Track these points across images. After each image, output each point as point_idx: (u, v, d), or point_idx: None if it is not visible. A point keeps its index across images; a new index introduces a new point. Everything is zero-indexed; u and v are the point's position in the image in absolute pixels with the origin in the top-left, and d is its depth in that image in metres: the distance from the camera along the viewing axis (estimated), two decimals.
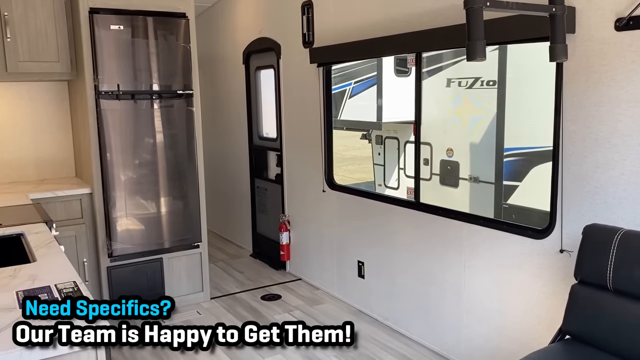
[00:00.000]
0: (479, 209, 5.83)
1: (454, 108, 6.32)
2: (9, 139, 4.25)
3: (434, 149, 6.32)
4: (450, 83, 6.30)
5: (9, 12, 3.76)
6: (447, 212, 3.33)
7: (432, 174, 6.38)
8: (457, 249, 3.25)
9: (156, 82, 3.99)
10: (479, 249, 3.12)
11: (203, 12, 6.30)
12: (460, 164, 6.15)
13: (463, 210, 5.93)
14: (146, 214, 4.08)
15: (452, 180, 6.24)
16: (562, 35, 2.10)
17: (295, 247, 4.99)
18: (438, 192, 6.24)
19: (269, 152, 5.31)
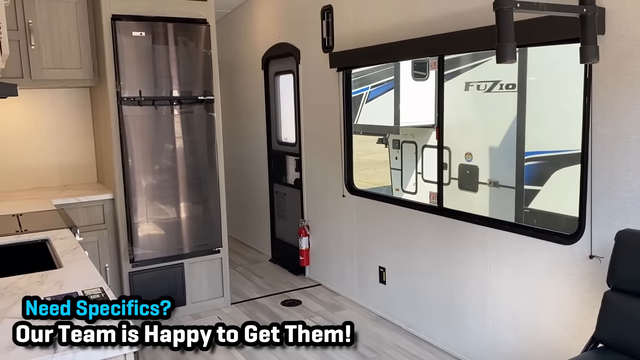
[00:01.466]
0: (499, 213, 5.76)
1: (473, 112, 6.27)
2: (33, 145, 4.30)
3: (453, 153, 6.26)
4: (468, 87, 6.25)
5: (33, 21, 3.80)
6: (471, 217, 3.28)
7: (450, 179, 6.32)
8: (481, 254, 3.20)
9: (177, 88, 4.01)
10: (504, 255, 3.07)
11: (222, 18, 6.33)
12: (479, 168, 6.09)
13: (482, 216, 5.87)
14: (167, 219, 4.09)
15: (471, 185, 6.18)
16: (593, 36, 2.06)
17: (314, 252, 4.96)
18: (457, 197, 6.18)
19: (288, 157, 5.30)
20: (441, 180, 3.63)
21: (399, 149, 8.02)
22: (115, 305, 1.72)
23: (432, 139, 7.26)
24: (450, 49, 3.32)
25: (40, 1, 3.82)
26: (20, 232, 2.80)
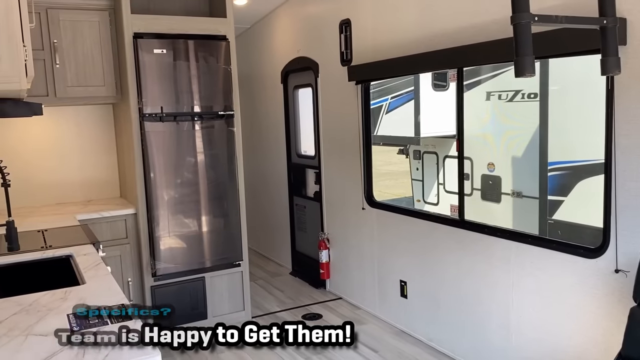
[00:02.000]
0: (523, 224, 5.69)
1: (494, 122, 6.21)
2: (57, 161, 4.38)
3: (475, 163, 6.22)
4: (489, 96, 6.21)
5: (58, 40, 3.90)
6: (493, 230, 3.24)
7: (473, 189, 6.27)
8: (504, 268, 3.16)
9: (198, 103, 4.06)
10: (527, 268, 3.02)
11: (242, 33, 6.40)
12: (502, 178, 6.03)
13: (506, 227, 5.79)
14: (188, 233, 4.13)
15: (494, 196, 6.12)
16: (615, 47, 2.02)
17: (335, 266, 4.95)
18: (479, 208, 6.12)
19: (307, 170, 5.31)
20: (462, 193, 3.60)
21: (419, 159, 7.98)
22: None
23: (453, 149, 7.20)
24: (469, 61, 3.30)
25: (65, 22, 3.91)
26: (45, 248, 2.85)
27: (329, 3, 4.61)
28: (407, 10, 3.74)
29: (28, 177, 4.27)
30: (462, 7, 3.28)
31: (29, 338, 1.67)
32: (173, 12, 4.33)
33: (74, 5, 3.94)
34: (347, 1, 4.35)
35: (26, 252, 2.75)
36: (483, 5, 3.13)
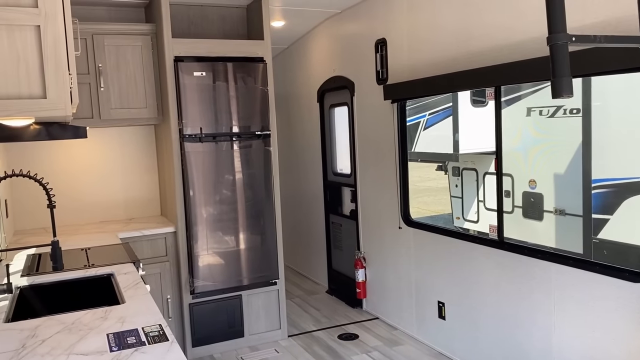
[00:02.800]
0: (566, 243, 5.53)
1: (536, 138, 6.10)
2: (101, 181, 4.53)
3: (516, 180, 6.10)
4: (530, 112, 6.11)
5: (103, 64, 4.05)
6: (534, 251, 3.16)
7: (514, 207, 6.15)
8: (546, 291, 3.07)
9: (236, 124, 4.13)
10: (569, 292, 2.93)
11: (279, 54, 6.51)
12: (544, 195, 5.89)
13: (548, 245, 5.63)
14: (226, 252, 4.18)
15: (535, 213, 5.99)
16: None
17: (371, 285, 4.91)
18: (521, 225, 5.99)
19: (343, 188, 5.32)
20: (501, 213, 3.53)
21: (459, 176, 7.89)
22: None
23: (493, 166, 7.09)
24: (506, 80, 3.26)
25: (109, 46, 4.07)
26: (87, 266, 2.94)
27: (364, 23, 4.64)
28: (442, 30, 3.73)
29: (74, 196, 4.43)
30: (499, 26, 3.25)
31: (70, 357, 1.72)
32: (212, 36, 4.46)
33: (118, 30, 4.09)
34: (383, 21, 4.37)
35: (70, 271, 2.85)
36: (520, 24, 3.10)
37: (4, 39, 1.92)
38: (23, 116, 2.00)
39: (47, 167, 4.33)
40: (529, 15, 3.03)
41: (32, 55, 1.96)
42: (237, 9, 4.54)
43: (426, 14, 3.89)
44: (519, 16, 3.11)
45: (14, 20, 1.92)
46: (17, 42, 1.94)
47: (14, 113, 1.95)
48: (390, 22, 4.29)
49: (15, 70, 1.94)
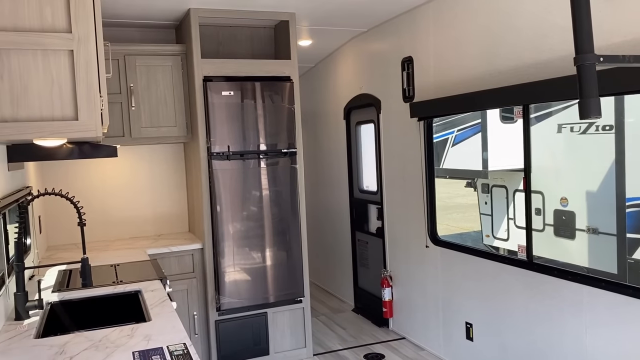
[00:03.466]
0: (600, 262, 5.39)
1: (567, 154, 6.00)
2: (131, 197, 4.62)
3: (547, 197, 6.00)
4: (561, 129, 6.02)
5: (134, 84, 4.16)
6: (564, 272, 3.09)
7: (545, 225, 6.04)
8: (577, 314, 2.99)
9: (263, 142, 4.18)
10: (601, 315, 2.85)
11: (307, 72, 6.58)
12: (576, 214, 5.77)
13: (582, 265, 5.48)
14: (252, 269, 4.20)
15: (567, 232, 5.86)
16: None
17: (398, 304, 4.86)
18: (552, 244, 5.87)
19: (369, 205, 5.30)
20: (530, 233, 3.46)
21: (488, 193, 7.80)
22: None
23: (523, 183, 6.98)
24: (534, 99, 3.22)
25: (140, 67, 4.18)
26: (116, 283, 2.99)
27: (391, 41, 4.66)
28: (469, 48, 3.72)
29: (105, 212, 4.52)
30: (525, 44, 3.22)
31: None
32: (241, 55, 4.53)
33: (149, 51, 4.20)
34: (410, 39, 4.38)
35: (99, 287, 2.90)
36: (547, 42, 3.07)
37: (39, 63, 1.99)
38: (55, 137, 2.07)
39: (80, 184, 4.44)
40: (556, 34, 3.00)
41: (65, 79, 2.02)
42: (264, 29, 4.61)
43: (452, 32, 3.89)
44: (546, 34, 3.08)
45: (49, 45, 2.00)
46: (52, 66, 2.01)
47: (47, 134, 2.02)
48: (416, 40, 4.30)
49: (49, 93, 2.01)
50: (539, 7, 3.13)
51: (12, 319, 2.39)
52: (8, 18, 1.96)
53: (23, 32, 1.97)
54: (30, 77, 1.98)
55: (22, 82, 1.98)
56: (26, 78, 1.98)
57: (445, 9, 3.95)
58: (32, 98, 1.99)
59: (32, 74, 1.99)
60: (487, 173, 7.56)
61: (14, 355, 1.97)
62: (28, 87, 1.98)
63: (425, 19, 4.18)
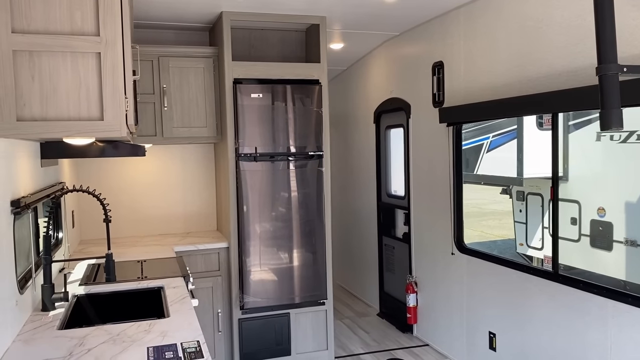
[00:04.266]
0: (638, 276, 5.22)
1: (606, 163, 5.84)
2: (162, 195, 4.73)
3: (583, 207, 5.84)
4: (600, 137, 5.86)
5: (167, 85, 4.26)
6: (589, 285, 3.01)
7: (580, 235, 5.88)
8: (601, 329, 2.91)
9: (290, 144, 4.21)
10: (627, 331, 2.76)
11: (339, 75, 6.60)
12: (614, 224, 5.61)
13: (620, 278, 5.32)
14: (276, 269, 4.24)
15: (604, 243, 5.70)
16: None
17: (422, 311, 4.82)
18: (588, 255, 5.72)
19: (396, 210, 5.27)
20: (556, 244, 3.39)
21: (523, 201, 7.65)
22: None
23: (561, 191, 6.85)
24: (564, 107, 3.15)
25: (173, 68, 4.28)
26: (140, 278, 3.07)
27: (422, 46, 4.63)
28: (499, 54, 3.67)
29: (136, 209, 4.65)
30: (557, 51, 3.15)
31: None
32: (272, 58, 4.58)
33: (182, 53, 4.29)
34: (441, 44, 4.34)
35: (124, 282, 2.99)
36: (579, 49, 3.00)
37: (68, 65, 2.07)
38: (81, 136, 2.15)
39: (113, 181, 4.57)
40: (588, 40, 2.93)
41: (92, 80, 2.10)
42: (296, 32, 4.65)
43: (483, 38, 3.84)
44: (578, 41, 3.01)
45: (77, 48, 2.07)
46: (80, 68, 2.08)
47: (74, 133, 2.10)
48: (447, 45, 4.26)
49: (77, 93, 2.08)
50: (570, 14, 3.06)
51: (39, 309, 2.49)
52: (40, 22, 2.04)
53: (54, 35, 2.05)
54: (59, 78, 2.06)
55: (52, 83, 2.06)
56: (55, 79, 2.06)
57: (476, 14, 3.90)
58: (60, 98, 2.07)
59: (61, 75, 2.07)
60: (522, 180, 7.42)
61: (36, 344, 2.05)
62: (57, 87, 2.06)
63: (456, 23, 4.14)
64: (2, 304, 2.01)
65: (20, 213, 2.21)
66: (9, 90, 2.01)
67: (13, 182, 2.19)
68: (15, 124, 2.02)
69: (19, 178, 2.32)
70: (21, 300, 2.27)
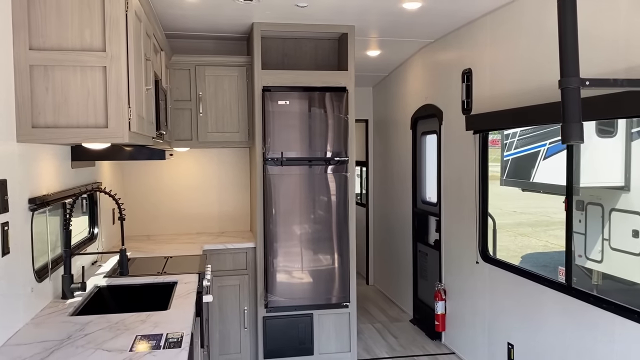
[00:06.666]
0: None
1: None
2: (200, 196, 4.99)
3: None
4: None
5: (203, 92, 4.51)
6: (599, 300, 2.92)
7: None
8: (608, 345, 2.82)
9: (315, 149, 4.34)
10: (632, 349, 2.66)
11: (381, 81, 6.65)
12: None
13: None
14: (300, 270, 4.37)
15: None
16: None
17: (451, 319, 4.79)
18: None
19: (429, 217, 5.26)
20: (570, 254, 3.30)
21: (582, 210, 7.37)
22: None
23: (622, 201, 6.57)
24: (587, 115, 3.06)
25: (209, 76, 4.52)
26: (159, 273, 3.30)
27: (453, 53, 4.62)
28: (520, 61, 3.62)
29: (177, 209, 4.94)
30: None
31: (97, 352, 2.00)
32: (305, 66, 4.72)
33: (217, 62, 4.53)
34: (469, 51, 4.32)
35: (143, 276, 3.23)
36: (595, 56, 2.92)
37: (78, 78, 2.31)
38: (88, 142, 2.38)
39: (154, 181, 4.89)
40: (604, 47, 2.85)
41: (99, 91, 2.32)
42: (329, 41, 4.77)
43: (506, 45, 3.79)
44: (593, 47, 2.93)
45: (86, 62, 2.31)
46: (88, 80, 2.32)
47: (81, 139, 2.33)
48: (475, 52, 4.24)
49: (85, 103, 2.32)
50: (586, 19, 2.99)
51: (59, 297, 2.76)
52: (55, 39, 2.29)
53: (66, 51, 2.29)
54: (70, 90, 2.30)
55: (63, 94, 2.30)
56: (66, 90, 2.30)
57: (501, 21, 3.86)
58: (71, 107, 2.31)
59: (72, 87, 2.30)
60: (578, 189, 7.15)
61: (43, 327, 2.30)
62: (68, 98, 2.30)
63: (483, 31, 4.11)
64: (16, 291, 2.27)
65: (38, 209, 2.47)
66: (26, 101, 2.27)
67: (32, 182, 2.45)
68: (31, 130, 2.28)
69: (41, 178, 2.59)
70: (40, 288, 2.53)
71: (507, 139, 9.22)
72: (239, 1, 3.65)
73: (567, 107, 1.77)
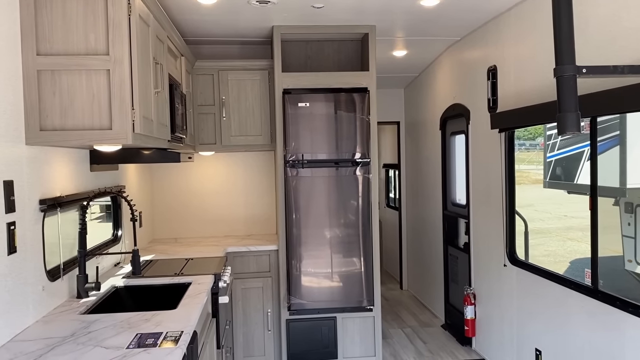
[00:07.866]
0: None
1: None
2: (227, 199, 5.05)
3: None
4: None
5: (226, 96, 4.56)
6: (626, 304, 2.76)
7: None
8: (636, 350, 2.65)
9: (337, 151, 4.30)
10: None
11: (411, 82, 6.56)
12: None
13: None
14: (323, 273, 4.34)
15: None
16: None
17: (481, 324, 4.64)
18: None
19: (459, 220, 5.12)
20: (596, 257, 3.13)
21: (632, 213, 7.03)
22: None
23: None
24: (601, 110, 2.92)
25: (232, 81, 4.57)
26: (176, 274, 3.34)
27: (479, 50, 4.50)
28: (543, 56, 3.48)
29: (206, 211, 5.01)
30: (593, 51, 2.93)
31: (95, 349, 2.03)
32: (328, 68, 4.71)
33: (240, 67, 4.58)
34: (495, 47, 4.19)
35: (160, 277, 3.28)
36: (615, 48, 2.77)
37: (83, 81, 2.37)
38: (93, 143, 2.43)
39: (182, 185, 4.97)
40: (625, 38, 2.70)
41: (103, 94, 2.38)
42: (352, 42, 4.74)
43: (530, 40, 3.66)
44: (614, 39, 2.78)
45: (91, 66, 2.37)
46: (93, 84, 2.37)
47: (86, 141, 2.39)
48: (499, 48, 4.11)
49: (90, 106, 2.37)
50: (607, 11, 2.85)
51: (74, 297, 2.83)
52: (61, 44, 2.36)
53: (72, 55, 2.36)
54: (76, 93, 2.37)
55: (70, 97, 2.37)
56: (73, 94, 2.37)
57: (525, 15, 3.73)
58: (76, 110, 2.37)
59: (77, 91, 2.37)
60: (625, 191, 6.83)
61: (52, 324, 2.36)
62: (74, 101, 2.37)
63: (507, 26, 3.98)
64: (26, 289, 2.34)
65: (49, 211, 2.54)
66: (34, 105, 2.35)
67: (43, 184, 2.53)
68: (39, 133, 2.35)
69: (55, 180, 2.67)
70: (52, 287, 2.61)
71: (550, 139, 8.92)
72: (254, 4, 3.68)
73: (562, 97, 1.68)
